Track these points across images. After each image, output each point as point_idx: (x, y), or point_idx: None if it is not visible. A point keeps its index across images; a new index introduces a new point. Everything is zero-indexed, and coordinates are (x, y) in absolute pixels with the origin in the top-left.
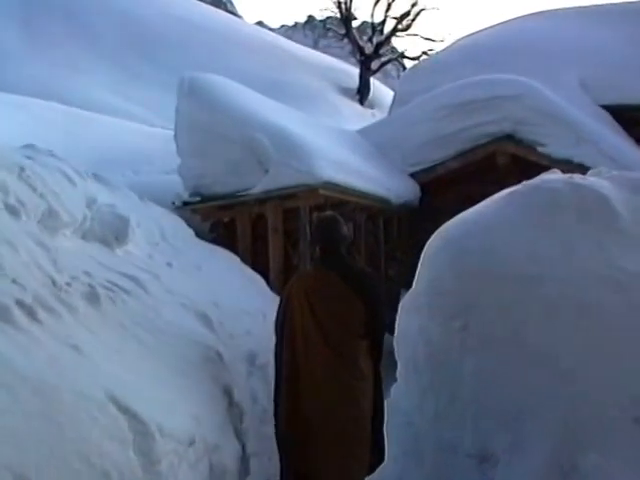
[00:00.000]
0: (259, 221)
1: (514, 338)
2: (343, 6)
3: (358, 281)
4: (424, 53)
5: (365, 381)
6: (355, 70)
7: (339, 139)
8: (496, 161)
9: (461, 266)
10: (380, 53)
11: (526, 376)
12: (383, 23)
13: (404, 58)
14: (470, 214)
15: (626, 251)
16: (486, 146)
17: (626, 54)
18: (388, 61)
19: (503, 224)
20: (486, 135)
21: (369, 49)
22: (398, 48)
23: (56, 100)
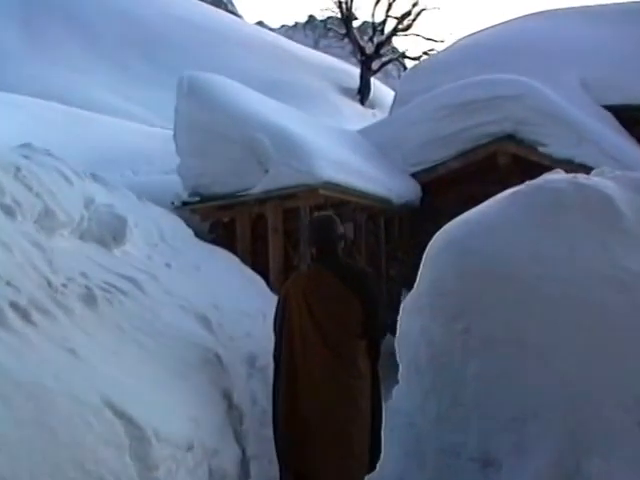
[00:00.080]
0: (259, 221)
1: (517, 339)
2: (344, 6)
3: (355, 280)
4: (425, 53)
5: (363, 380)
6: (356, 70)
7: (339, 139)
8: (497, 161)
9: (463, 266)
10: (381, 53)
11: (529, 378)
12: (384, 23)
13: (405, 58)
14: (472, 214)
15: (630, 251)
16: (487, 146)
17: (627, 54)
18: (389, 61)
19: (506, 224)
20: (487, 135)
21: (370, 49)
22: (399, 48)
23: (56, 100)
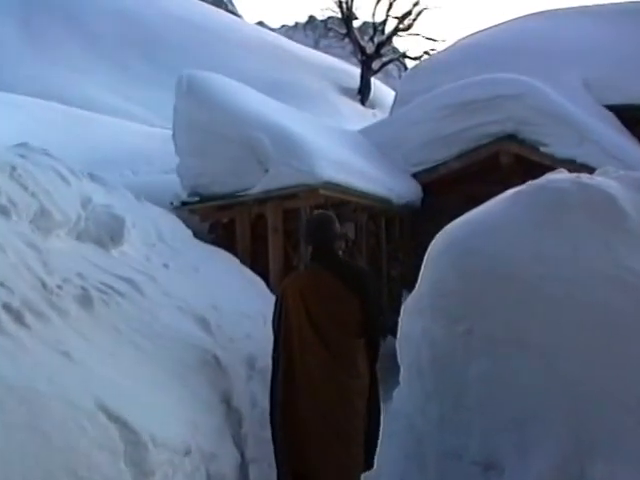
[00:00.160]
0: (259, 221)
1: (519, 340)
2: (344, 5)
3: (354, 279)
4: (425, 53)
5: (362, 380)
6: (356, 70)
7: (340, 139)
8: (499, 161)
9: (465, 267)
10: (381, 53)
11: (532, 379)
12: (384, 23)
13: (405, 58)
14: (474, 214)
15: (634, 251)
16: (488, 146)
17: (629, 53)
18: (389, 61)
19: (508, 224)
20: (488, 135)
21: (370, 49)
22: (399, 48)
23: (55, 100)
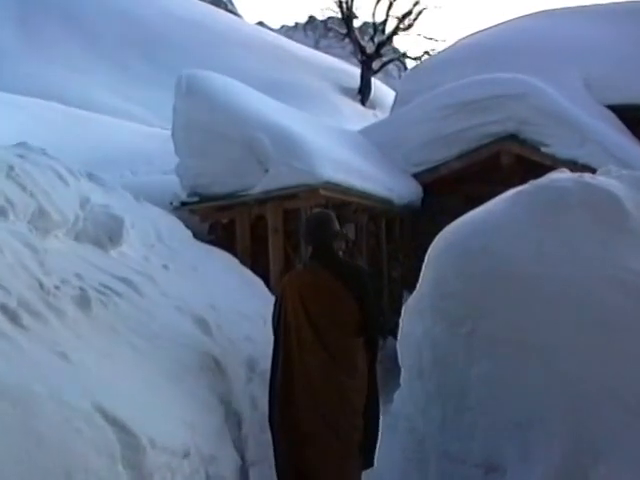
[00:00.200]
0: (259, 222)
1: (521, 341)
2: (344, 5)
3: (352, 278)
4: (426, 53)
5: (361, 379)
6: (356, 70)
7: (340, 139)
8: (500, 161)
9: (466, 267)
10: (381, 53)
11: (533, 381)
12: (384, 22)
13: (406, 58)
14: (475, 214)
15: (636, 251)
16: (490, 146)
17: (630, 53)
18: (389, 61)
19: (510, 224)
20: (489, 135)
21: (370, 49)
22: (399, 48)
23: (55, 100)
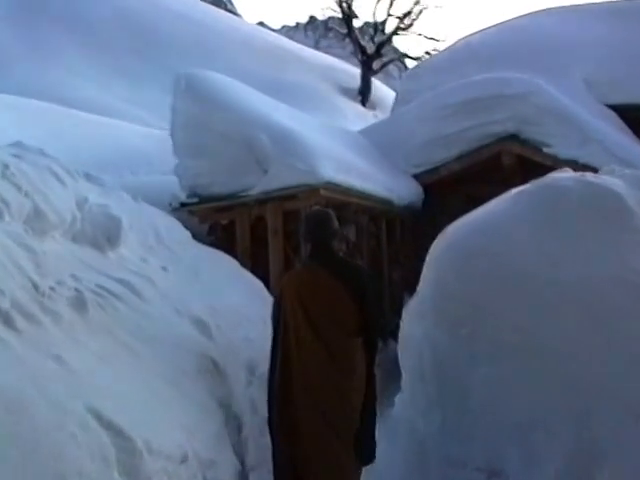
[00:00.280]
0: (259, 223)
1: (524, 344)
2: (344, 4)
3: (351, 277)
4: (426, 53)
5: (359, 379)
6: (356, 70)
7: (340, 139)
8: (501, 161)
9: (468, 268)
10: (382, 53)
11: (536, 383)
12: (385, 22)
13: (406, 58)
14: (476, 214)
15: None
16: (491, 146)
17: (632, 52)
18: (390, 61)
19: (511, 224)
20: (490, 135)
21: (371, 49)
22: (400, 49)
23: (54, 101)
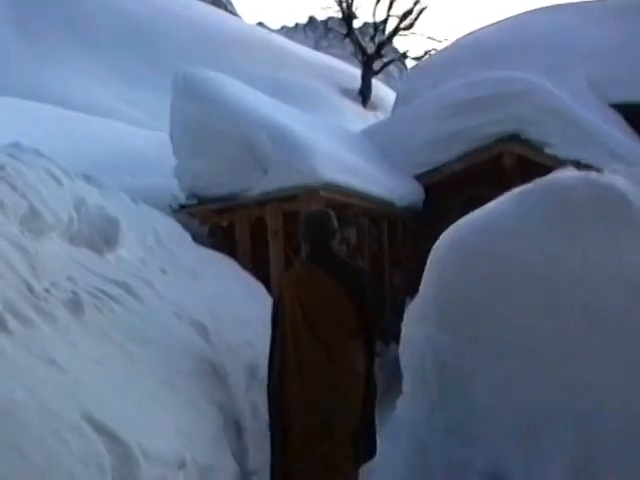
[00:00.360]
0: (259, 225)
1: (526, 345)
2: (344, 5)
3: (350, 278)
4: (427, 53)
5: (358, 380)
6: (357, 71)
7: (341, 139)
8: (502, 162)
9: (469, 269)
10: (382, 53)
11: (540, 387)
12: (385, 22)
13: (406, 58)
14: (478, 215)
15: None
16: (492, 147)
17: (634, 51)
18: (390, 61)
19: (514, 224)
20: (492, 135)
21: (371, 49)
22: (400, 49)
23: (53, 102)
